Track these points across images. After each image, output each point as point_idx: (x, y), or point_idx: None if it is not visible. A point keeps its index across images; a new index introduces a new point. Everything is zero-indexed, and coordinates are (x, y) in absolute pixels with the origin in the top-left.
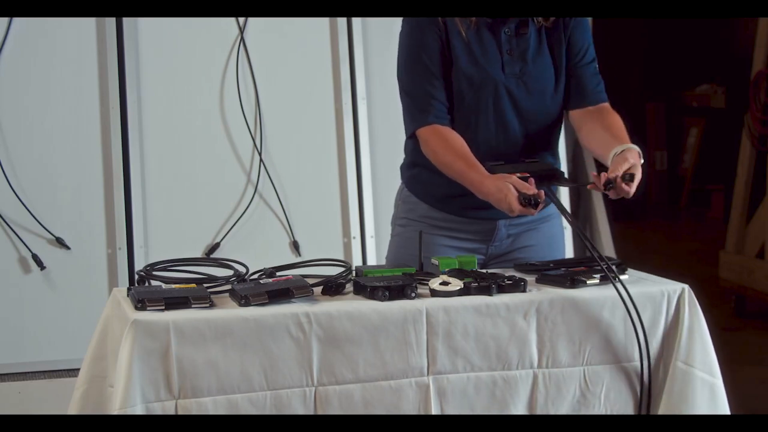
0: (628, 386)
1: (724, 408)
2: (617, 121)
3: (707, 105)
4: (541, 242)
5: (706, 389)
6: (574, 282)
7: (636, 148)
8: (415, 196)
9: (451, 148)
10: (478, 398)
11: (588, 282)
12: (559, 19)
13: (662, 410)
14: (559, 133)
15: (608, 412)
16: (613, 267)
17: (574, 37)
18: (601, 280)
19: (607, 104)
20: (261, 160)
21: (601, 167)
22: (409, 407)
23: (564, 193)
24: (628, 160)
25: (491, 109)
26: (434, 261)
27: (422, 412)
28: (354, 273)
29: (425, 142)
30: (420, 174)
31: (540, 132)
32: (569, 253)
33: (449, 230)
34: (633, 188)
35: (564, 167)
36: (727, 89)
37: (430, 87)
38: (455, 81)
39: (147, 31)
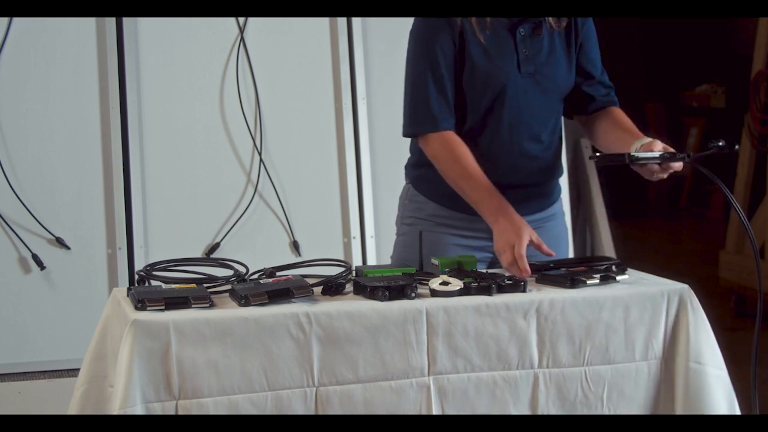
0: (629, 386)
1: (732, 398)
2: (628, 119)
3: (707, 105)
4: (546, 241)
5: (719, 383)
6: (574, 282)
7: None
8: (423, 195)
9: (456, 159)
10: (479, 398)
11: (588, 282)
12: (570, 24)
13: (682, 412)
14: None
15: (609, 413)
16: (613, 267)
17: (586, 48)
18: (601, 280)
19: (616, 107)
20: (261, 160)
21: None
22: (410, 407)
23: (564, 193)
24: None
25: (506, 108)
26: (434, 261)
27: (423, 413)
28: (354, 273)
29: (428, 146)
30: (427, 173)
31: (546, 129)
32: (570, 252)
33: (458, 228)
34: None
35: (564, 166)
36: (727, 89)
37: (439, 88)
38: (470, 80)
39: (147, 31)
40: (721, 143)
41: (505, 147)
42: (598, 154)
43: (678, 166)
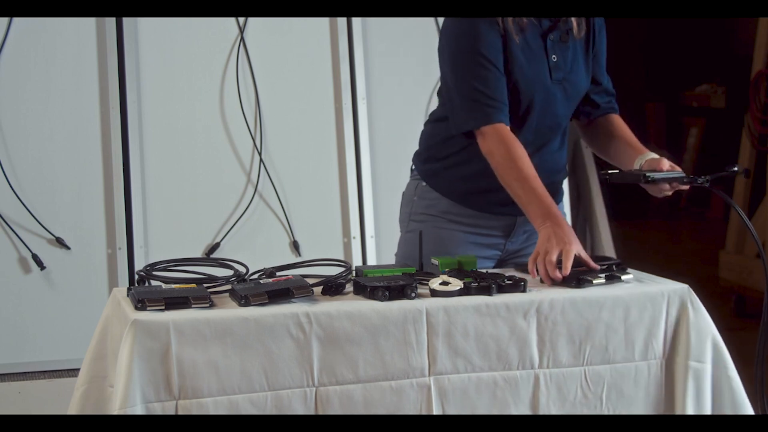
0: (629, 386)
1: (742, 396)
2: (628, 128)
3: (707, 105)
4: None
5: (722, 382)
6: (580, 282)
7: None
8: (437, 191)
9: (512, 159)
10: (479, 398)
11: (594, 282)
12: (589, 32)
13: (689, 412)
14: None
15: (609, 413)
16: (613, 267)
17: (599, 56)
18: (606, 280)
19: (617, 115)
20: (261, 160)
21: (604, 165)
22: (410, 407)
23: (564, 193)
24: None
25: (534, 112)
26: (434, 261)
27: (423, 413)
28: (354, 273)
29: (483, 140)
30: (441, 170)
31: (561, 130)
32: None
33: (471, 226)
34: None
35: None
36: (727, 89)
37: (490, 81)
38: (513, 80)
39: (147, 31)
40: (735, 168)
41: (527, 149)
42: (610, 171)
43: (686, 185)
